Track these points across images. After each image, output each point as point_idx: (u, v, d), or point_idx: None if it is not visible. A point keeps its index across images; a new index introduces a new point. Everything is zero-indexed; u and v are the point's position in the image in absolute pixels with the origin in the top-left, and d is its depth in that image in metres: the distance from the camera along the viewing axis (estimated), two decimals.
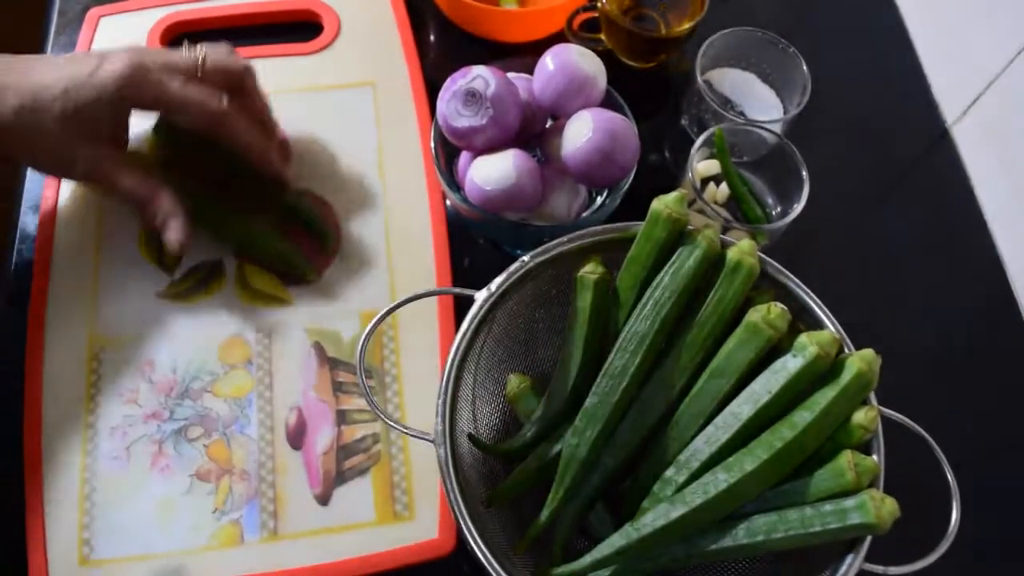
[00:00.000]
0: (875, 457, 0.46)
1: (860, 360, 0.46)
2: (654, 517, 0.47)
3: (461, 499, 0.46)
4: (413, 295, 0.52)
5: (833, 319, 0.49)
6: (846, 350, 0.48)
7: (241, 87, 0.60)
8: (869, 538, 0.45)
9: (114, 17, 0.73)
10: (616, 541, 0.47)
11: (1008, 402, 0.65)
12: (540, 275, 0.53)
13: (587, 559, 0.48)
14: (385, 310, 0.51)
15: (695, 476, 0.47)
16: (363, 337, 0.50)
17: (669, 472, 0.48)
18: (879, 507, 0.44)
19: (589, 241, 0.52)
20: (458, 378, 0.49)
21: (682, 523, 0.46)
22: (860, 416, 0.46)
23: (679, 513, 0.46)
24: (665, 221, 0.49)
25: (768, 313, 0.48)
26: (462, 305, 0.61)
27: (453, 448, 0.48)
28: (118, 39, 0.72)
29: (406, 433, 0.49)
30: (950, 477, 0.47)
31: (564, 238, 0.52)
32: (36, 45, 0.74)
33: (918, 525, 0.44)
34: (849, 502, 0.44)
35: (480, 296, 0.50)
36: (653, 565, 0.48)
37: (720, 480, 0.46)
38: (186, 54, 0.58)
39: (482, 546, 0.45)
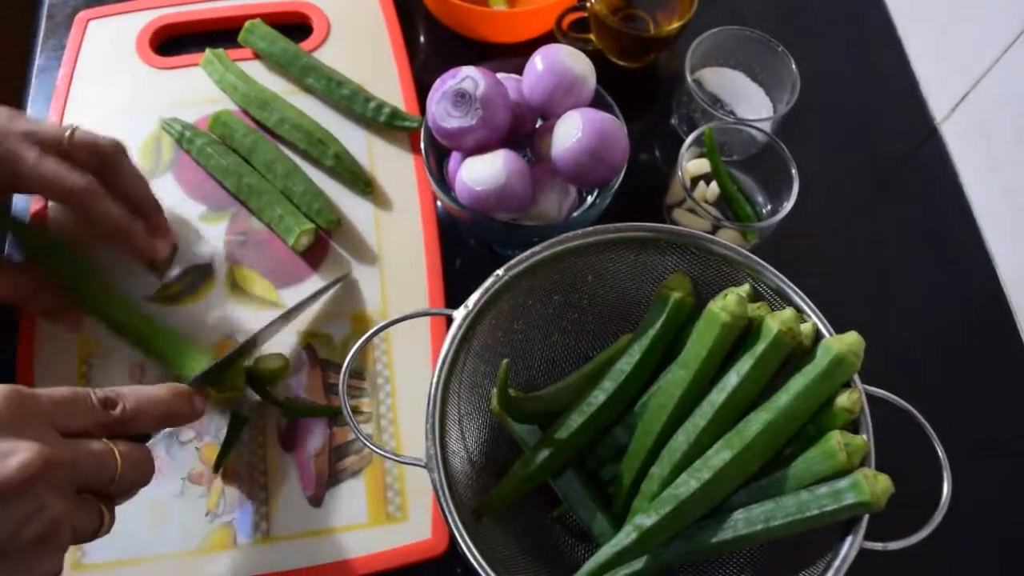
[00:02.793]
0: (864, 436, 0.47)
1: (839, 342, 0.47)
2: (646, 517, 0.47)
3: (458, 518, 0.46)
4: (390, 320, 0.51)
5: (806, 298, 0.50)
6: (826, 334, 0.49)
7: (111, 166, 0.57)
8: (867, 517, 0.45)
9: (103, 20, 0.73)
10: (614, 544, 0.48)
11: (999, 395, 0.65)
12: (516, 287, 0.53)
13: (589, 565, 0.48)
14: (368, 334, 0.50)
15: (679, 468, 0.48)
16: (346, 361, 0.50)
17: (654, 469, 0.49)
18: (873, 485, 0.44)
19: (562, 248, 0.52)
20: (444, 399, 0.49)
21: (676, 516, 0.47)
22: (844, 399, 0.47)
23: (670, 507, 0.47)
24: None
25: (724, 299, 0.49)
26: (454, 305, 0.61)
27: (446, 470, 0.47)
28: (107, 42, 0.72)
29: (398, 461, 0.48)
30: (939, 450, 0.47)
31: (537, 248, 0.52)
32: (24, 48, 0.74)
33: (913, 500, 0.45)
34: (843, 483, 0.45)
35: (458, 315, 0.50)
36: (656, 564, 0.49)
37: (705, 470, 0.47)
38: (52, 126, 0.55)
39: (483, 563, 0.44)
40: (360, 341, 0.50)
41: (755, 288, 0.51)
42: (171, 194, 0.65)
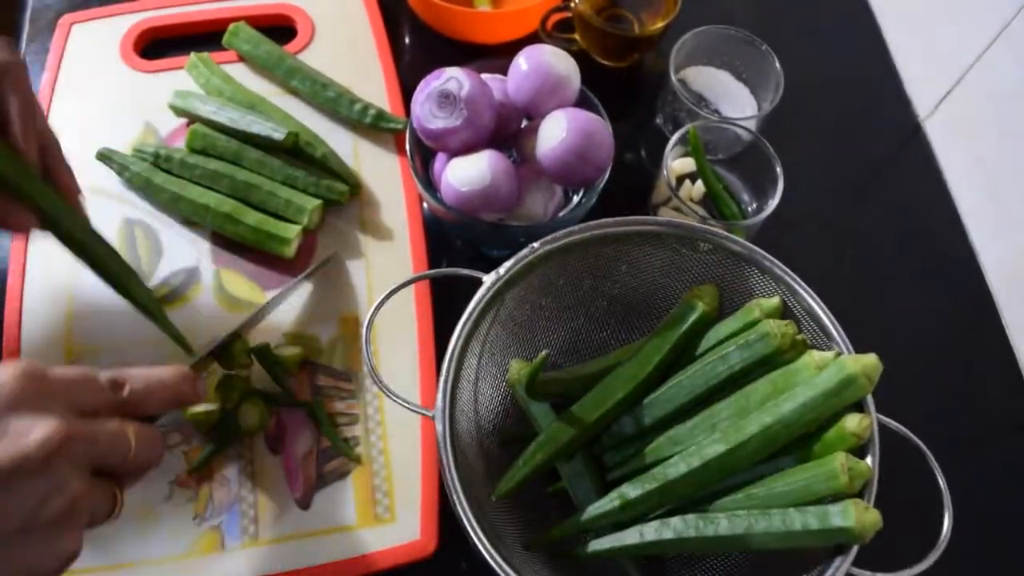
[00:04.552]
0: (869, 460, 0.46)
1: (854, 362, 0.46)
2: (631, 488, 0.49)
3: (456, 475, 0.46)
4: (422, 274, 0.53)
5: (835, 322, 0.50)
6: (845, 352, 0.49)
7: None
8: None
9: (87, 24, 0.73)
10: (597, 507, 0.50)
11: (983, 394, 0.66)
12: (549, 263, 0.53)
13: (569, 523, 0.50)
14: (391, 288, 0.51)
15: (664, 458, 0.50)
16: (377, 302, 0.51)
17: (649, 452, 0.51)
18: (861, 515, 0.43)
19: (601, 232, 0.53)
20: (461, 357, 0.50)
21: (660, 493, 0.49)
22: (854, 423, 0.46)
23: (656, 484, 0.48)
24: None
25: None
26: (441, 307, 0.61)
27: (452, 424, 0.48)
28: (91, 46, 0.72)
29: (406, 407, 0.49)
30: (943, 485, 0.47)
31: (575, 227, 0.53)
32: None
33: (911, 532, 0.44)
34: (833, 507, 0.44)
35: (488, 279, 0.51)
36: (637, 549, 0.49)
37: (696, 457, 0.48)
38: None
39: (475, 526, 0.45)
40: (387, 293, 0.51)
41: (785, 303, 0.52)
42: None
